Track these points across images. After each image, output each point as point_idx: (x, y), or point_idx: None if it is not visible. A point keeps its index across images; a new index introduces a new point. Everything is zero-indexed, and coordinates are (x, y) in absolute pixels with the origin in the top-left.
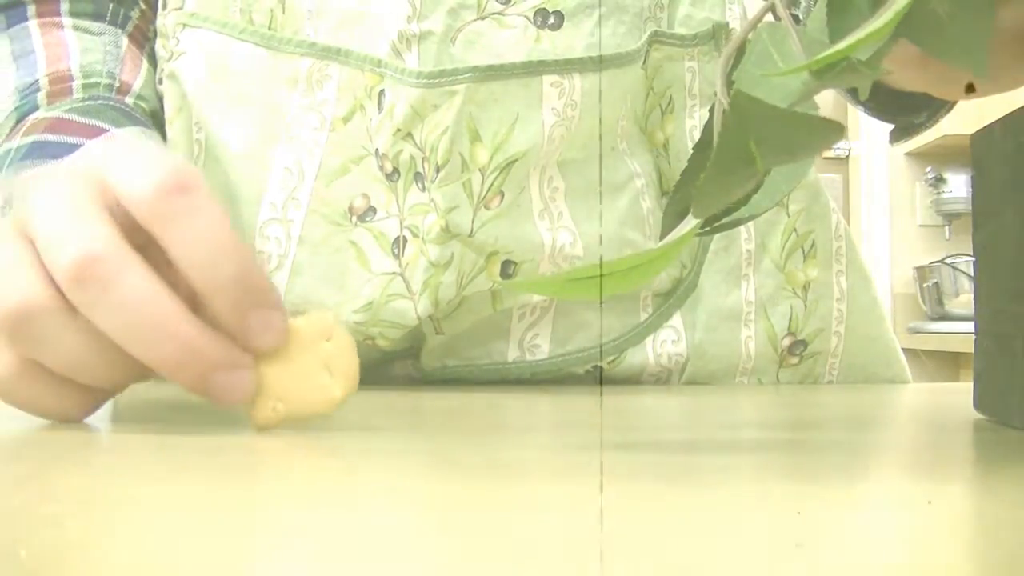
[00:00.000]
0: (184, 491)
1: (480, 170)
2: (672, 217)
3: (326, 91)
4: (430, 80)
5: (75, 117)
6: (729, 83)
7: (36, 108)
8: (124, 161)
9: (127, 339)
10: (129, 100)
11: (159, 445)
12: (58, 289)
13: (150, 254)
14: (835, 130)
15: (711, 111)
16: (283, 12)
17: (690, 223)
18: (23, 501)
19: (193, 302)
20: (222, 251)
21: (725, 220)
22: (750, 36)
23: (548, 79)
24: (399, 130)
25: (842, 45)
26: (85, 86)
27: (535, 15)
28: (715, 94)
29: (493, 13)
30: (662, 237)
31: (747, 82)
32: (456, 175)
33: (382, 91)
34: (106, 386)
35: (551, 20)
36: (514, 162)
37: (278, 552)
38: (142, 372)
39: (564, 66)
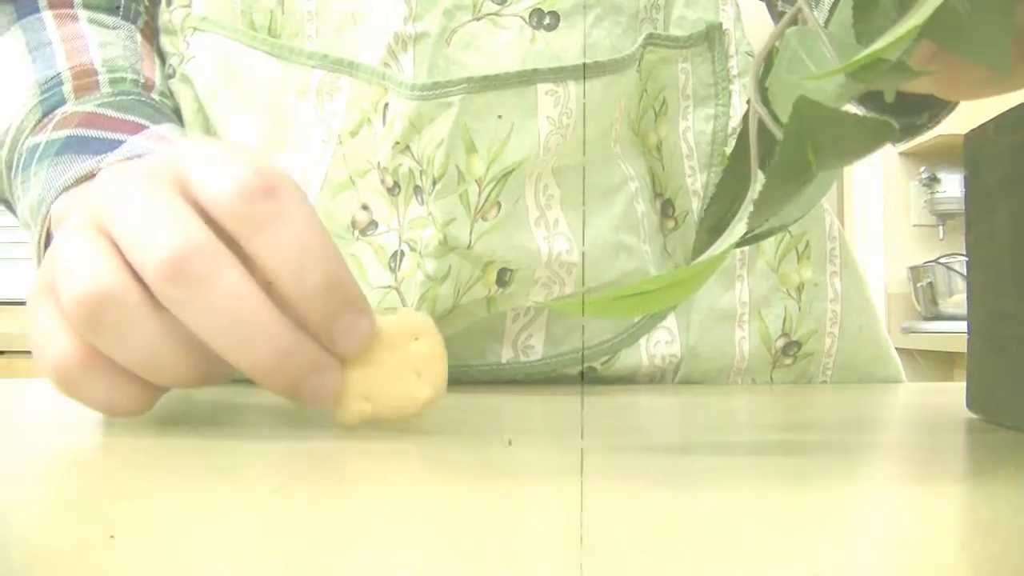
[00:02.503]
0: (181, 489)
1: (477, 181)
2: (706, 232)
3: (336, 104)
4: (424, 92)
5: (109, 112)
6: (763, 90)
7: (63, 102)
8: (206, 161)
9: (220, 341)
10: (155, 96)
11: (175, 447)
12: (141, 283)
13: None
14: (888, 130)
15: (744, 119)
16: (283, 13)
17: (732, 235)
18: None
19: (278, 303)
20: (310, 257)
21: (759, 231)
22: (777, 43)
23: (543, 87)
24: (398, 143)
25: (878, 46)
26: (112, 81)
27: (531, 16)
28: (748, 102)
29: (488, 14)
30: (695, 252)
31: (780, 88)
32: (453, 187)
33: (387, 104)
34: (172, 384)
35: (547, 21)
36: (510, 172)
37: (269, 549)
38: (213, 373)
39: (559, 74)
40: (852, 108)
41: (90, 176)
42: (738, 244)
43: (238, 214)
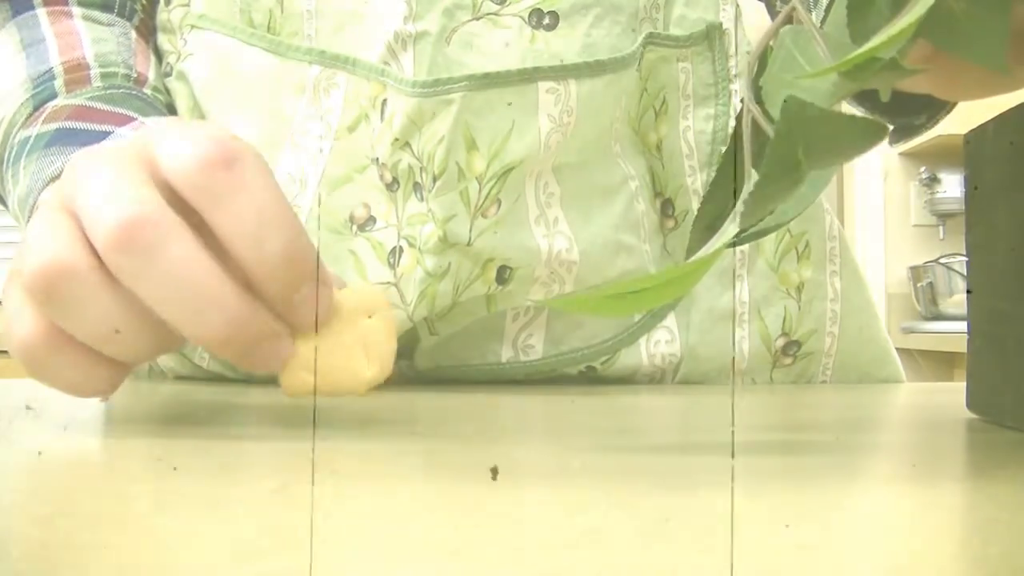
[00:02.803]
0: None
1: (477, 179)
2: (700, 231)
3: (333, 99)
4: (425, 89)
5: (99, 105)
6: (757, 89)
7: (54, 96)
8: (170, 136)
9: (171, 311)
10: (147, 91)
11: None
12: (96, 255)
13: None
14: (880, 130)
15: (738, 119)
16: (281, 12)
17: (725, 234)
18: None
19: (234, 273)
20: (269, 227)
21: (753, 229)
22: (771, 42)
23: (544, 85)
24: (397, 140)
25: (871, 45)
26: (104, 75)
27: (530, 15)
28: (742, 101)
29: (488, 13)
30: (690, 251)
31: (774, 87)
32: (453, 184)
33: (385, 100)
34: (133, 359)
35: (546, 20)
36: (511, 170)
37: (269, 549)
38: (170, 344)
39: (560, 72)
40: (851, 109)
41: None
42: (732, 243)
43: (197, 185)
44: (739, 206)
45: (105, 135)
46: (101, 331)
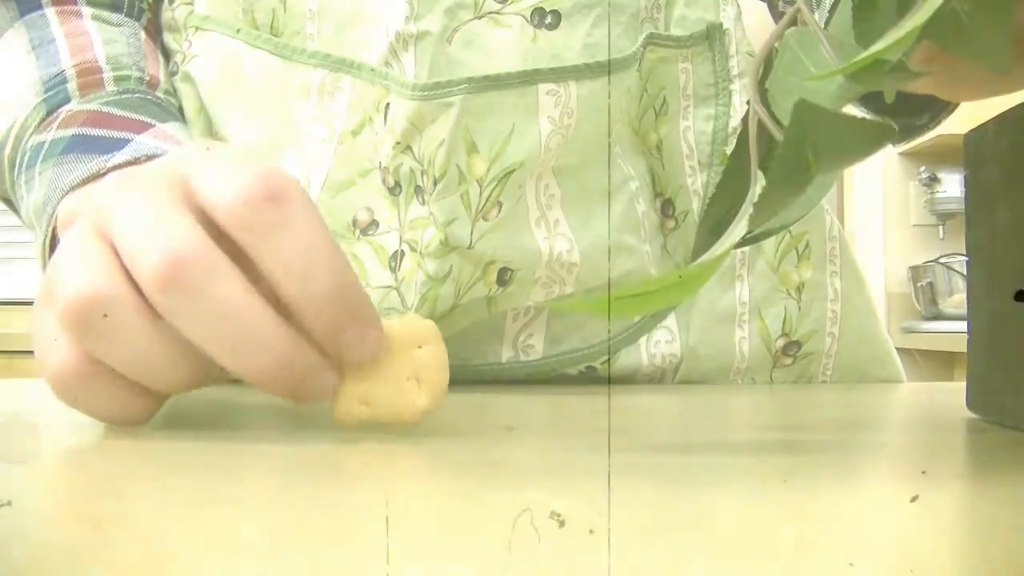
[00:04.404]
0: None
1: (478, 181)
2: (706, 233)
3: (337, 103)
4: (425, 92)
5: (115, 110)
6: (763, 91)
7: (67, 99)
8: (211, 167)
9: (217, 349)
10: (160, 95)
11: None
12: (135, 287)
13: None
14: (888, 132)
15: (744, 120)
16: (284, 11)
17: (731, 235)
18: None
19: (282, 312)
20: (316, 265)
21: (758, 232)
22: (777, 44)
23: (544, 87)
24: (398, 143)
25: (878, 47)
26: (117, 79)
27: (532, 14)
28: (748, 103)
29: (490, 12)
30: (696, 253)
31: (780, 90)
32: (454, 187)
33: (388, 104)
34: (170, 390)
35: (548, 19)
36: (511, 172)
37: (269, 549)
38: (209, 374)
39: (560, 74)
40: (852, 109)
41: (97, 176)
42: (738, 245)
43: (242, 222)
44: (748, 208)
45: (124, 142)
46: (139, 363)
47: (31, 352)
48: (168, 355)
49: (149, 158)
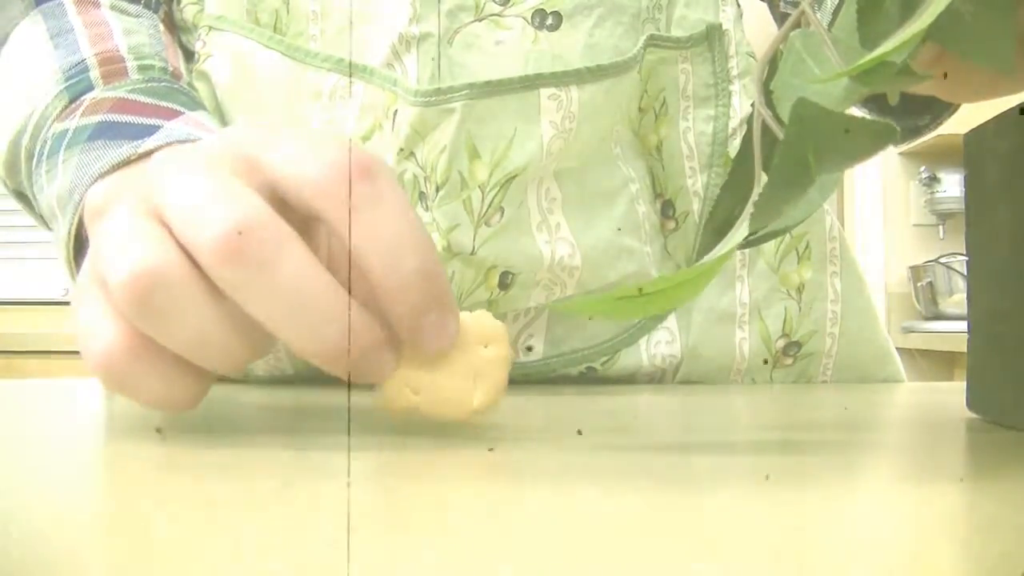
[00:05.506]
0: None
1: (480, 187)
2: (709, 234)
3: (349, 108)
4: (427, 98)
5: (143, 98)
6: (767, 93)
7: (90, 88)
8: (284, 141)
9: (282, 326)
10: (184, 85)
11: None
12: (192, 262)
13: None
14: (889, 133)
15: (748, 122)
16: (287, 12)
17: (734, 237)
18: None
19: (357, 290)
20: (406, 245)
21: (761, 233)
22: (781, 46)
23: (545, 92)
24: (402, 150)
25: (883, 49)
26: (140, 67)
27: (533, 16)
28: (752, 105)
29: (491, 14)
30: (700, 253)
31: (784, 91)
32: (456, 193)
33: (396, 111)
34: (224, 369)
35: (549, 21)
36: (513, 178)
37: (269, 549)
38: (263, 350)
39: (561, 78)
40: (853, 109)
41: (126, 163)
42: (742, 246)
43: (326, 192)
44: (750, 209)
45: (154, 129)
46: (195, 341)
47: (31, 352)
48: (227, 333)
49: (181, 144)
